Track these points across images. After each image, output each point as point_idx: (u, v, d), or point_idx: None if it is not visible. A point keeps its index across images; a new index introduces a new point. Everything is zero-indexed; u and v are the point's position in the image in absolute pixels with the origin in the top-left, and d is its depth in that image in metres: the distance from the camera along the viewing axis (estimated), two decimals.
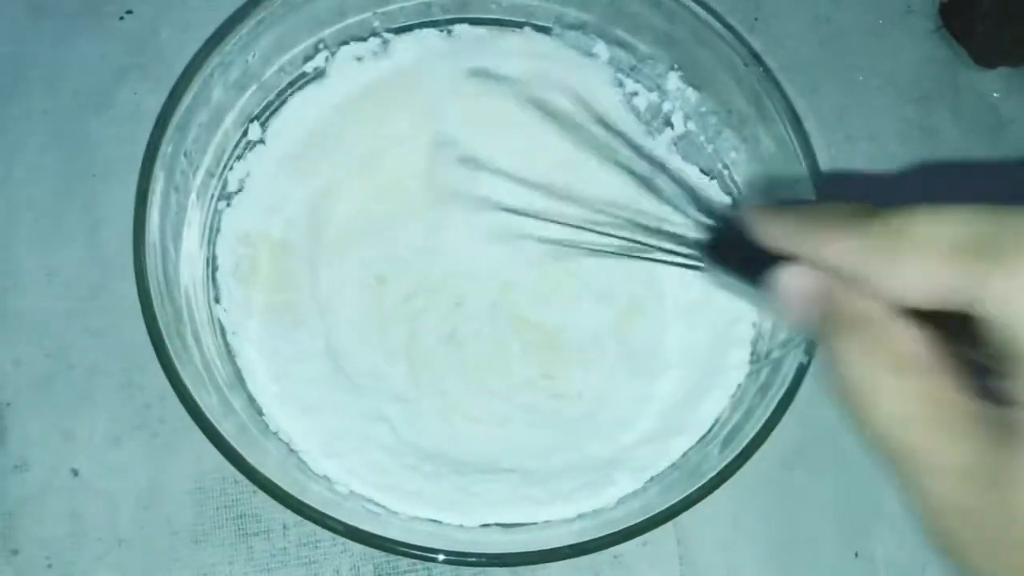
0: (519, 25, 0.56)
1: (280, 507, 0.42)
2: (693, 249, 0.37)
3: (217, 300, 0.51)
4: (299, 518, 0.42)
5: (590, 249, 0.46)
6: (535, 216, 0.49)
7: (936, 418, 0.24)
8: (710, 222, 0.37)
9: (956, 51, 0.65)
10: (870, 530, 0.54)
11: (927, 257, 0.24)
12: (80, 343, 0.54)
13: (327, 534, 0.50)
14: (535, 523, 0.48)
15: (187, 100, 0.47)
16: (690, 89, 0.56)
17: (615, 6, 0.54)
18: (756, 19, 0.64)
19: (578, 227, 0.47)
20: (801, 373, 0.45)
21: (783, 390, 0.44)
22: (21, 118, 0.57)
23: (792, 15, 0.65)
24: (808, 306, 0.29)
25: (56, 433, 0.52)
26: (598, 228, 0.46)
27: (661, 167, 0.56)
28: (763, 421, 0.44)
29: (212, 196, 0.52)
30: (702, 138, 0.56)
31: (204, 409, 0.42)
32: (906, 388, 0.25)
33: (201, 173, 0.50)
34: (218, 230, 0.52)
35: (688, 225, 0.42)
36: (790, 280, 0.29)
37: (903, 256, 0.25)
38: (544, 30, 0.56)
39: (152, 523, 0.51)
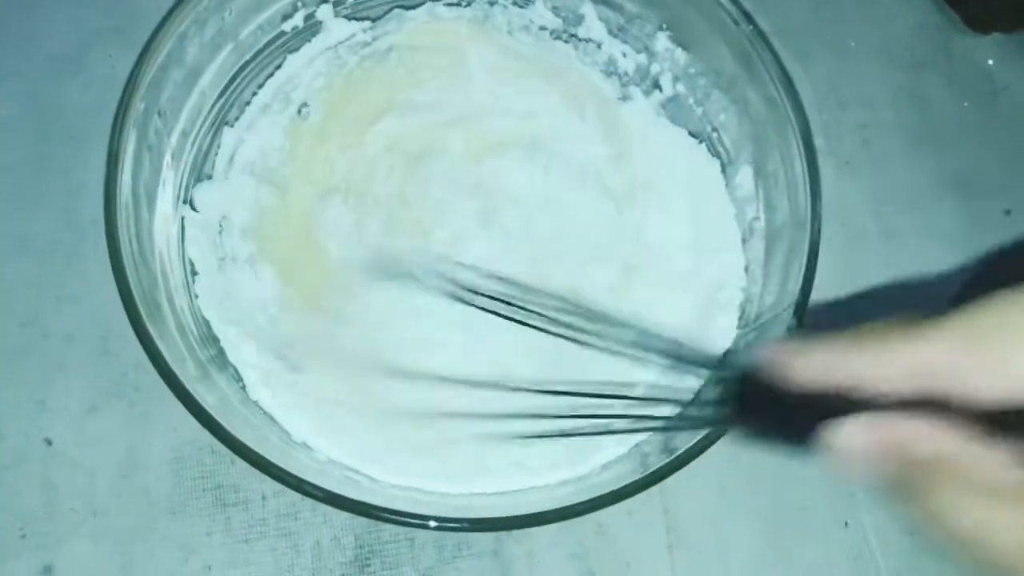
0: None
1: (259, 477, 0.41)
2: (709, 411, 0.32)
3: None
4: (278, 488, 0.41)
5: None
6: None
7: None
8: (723, 374, 0.31)
9: (950, 17, 0.64)
10: (859, 499, 0.53)
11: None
12: (55, 311, 0.52)
13: (307, 504, 0.49)
14: (520, 489, 0.47)
15: (160, 58, 0.46)
16: (679, 50, 0.54)
17: None
18: None
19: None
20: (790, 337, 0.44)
21: None
22: None
23: None
24: (882, 461, 0.26)
25: (30, 402, 0.51)
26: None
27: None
28: None
29: (187, 159, 0.50)
30: (691, 100, 0.55)
31: (180, 377, 0.41)
32: (1017, 519, 0.23)
33: (176, 133, 0.49)
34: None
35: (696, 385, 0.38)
36: (854, 435, 0.26)
37: (1007, 345, 0.23)
38: None
39: (129, 493, 0.50)
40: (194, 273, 0.50)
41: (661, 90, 0.56)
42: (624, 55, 0.56)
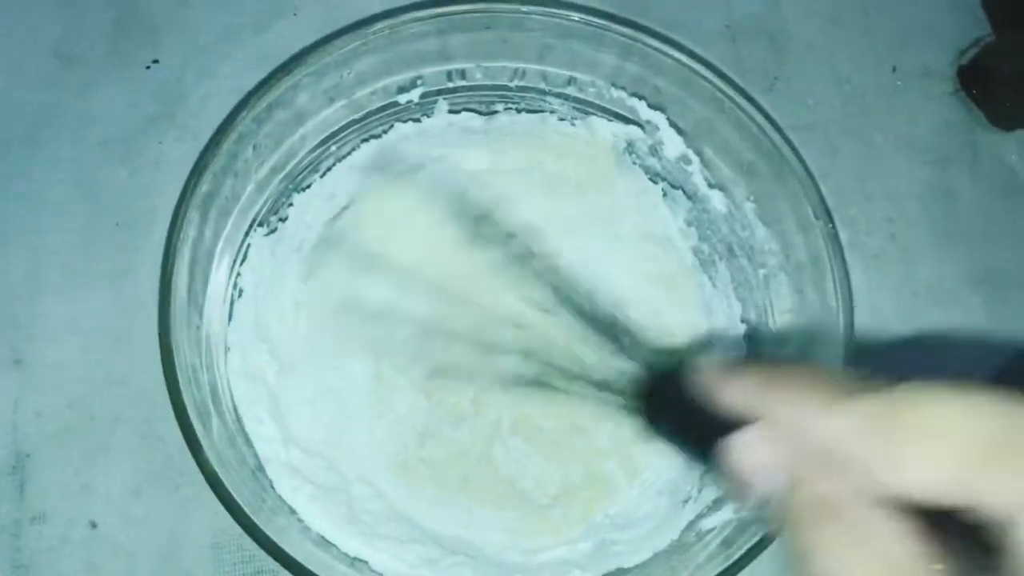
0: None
1: None
2: (631, 398, 0.33)
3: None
4: None
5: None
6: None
7: None
8: (654, 371, 0.33)
9: (974, 113, 0.66)
10: None
11: (941, 451, 0.21)
12: (102, 393, 0.54)
13: None
14: None
15: (223, 152, 0.47)
16: (760, 224, 0.54)
17: (709, 124, 0.53)
18: (776, 78, 0.65)
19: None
20: None
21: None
22: (47, 166, 0.58)
23: (812, 76, 0.66)
24: (771, 482, 0.24)
25: (75, 485, 0.52)
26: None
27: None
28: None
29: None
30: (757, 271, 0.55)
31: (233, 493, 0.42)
32: None
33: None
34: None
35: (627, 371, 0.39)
36: (749, 447, 0.25)
37: (912, 447, 0.22)
38: None
39: None
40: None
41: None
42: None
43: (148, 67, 0.61)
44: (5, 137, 0.58)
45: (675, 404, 0.29)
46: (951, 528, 0.22)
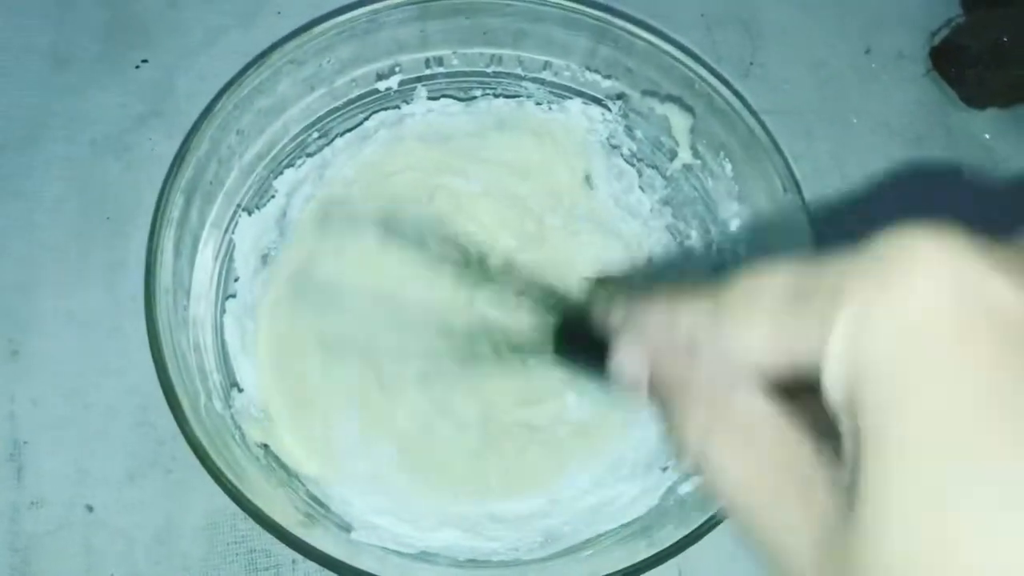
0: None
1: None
2: (539, 339, 0.38)
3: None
4: None
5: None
6: None
7: (781, 486, 0.23)
8: (559, 309, 0.38)
9: (947, 94, 0.67)
10: None
11: (757, 316, 0.24)
12: (96, 383, 0.55)
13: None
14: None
15: (206, 137, 0.48)
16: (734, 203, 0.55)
17: (681, 103, 0.55)
18: (751, 64, 0.67)
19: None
20: None
21: None
22: (42, 165, 0.59)
23: (788, 60, 0.67)
24: (642, 379, 0.28)
25: (72, 470, 0.53)
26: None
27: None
28: None
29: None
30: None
31: (220, 466, 0.43)
32: (747, 455, 0.24)
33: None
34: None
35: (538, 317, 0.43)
36: (623, 353, 0.29)
37: (736, 318, 0.24)
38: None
39: (166, 559, 0.52)
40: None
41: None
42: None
43: (138, 67, 0.63)
44: (1, 137, 0.60)
45: (584, 339, 0.33)
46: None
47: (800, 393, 0.24)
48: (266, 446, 0.50)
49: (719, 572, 0.54)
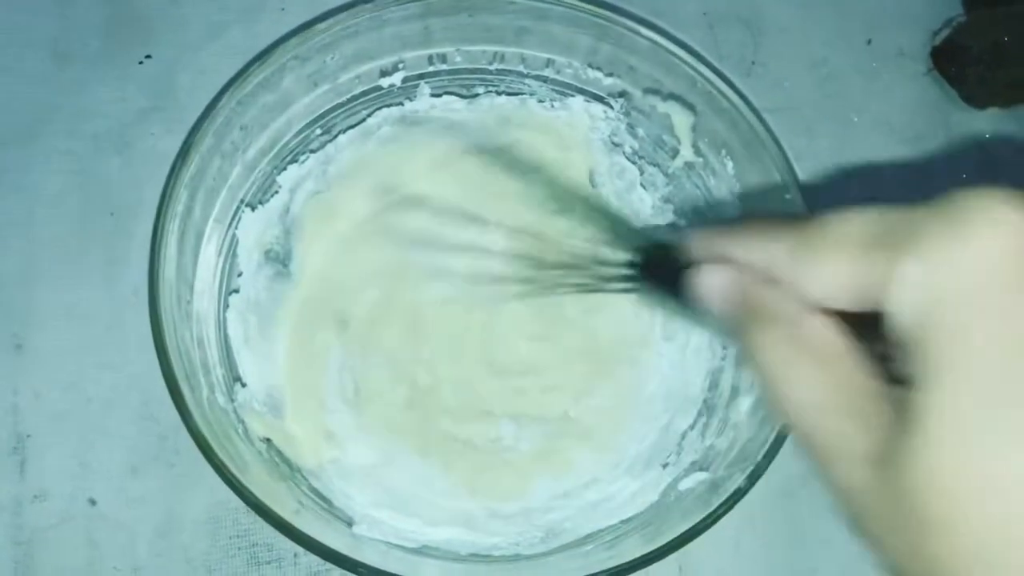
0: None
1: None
2: (625, 271, 0.39)
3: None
4: None
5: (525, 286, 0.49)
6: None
7: (844, 404, 0.26)
8: (645, 245, 0.39)
9: (947, 93, 0.67)
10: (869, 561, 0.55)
11: (837, 255, 0.26)
12: (97, 376, 0.55)
13: None
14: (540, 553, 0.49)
15: (210, 133, 0.48)
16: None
17: (683, 102, 0.55)
18: (753, 62, 0.67)
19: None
20: None
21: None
22: (44, 159, 0.59)
23: (789, 58, 0.67)
24: (725, 302, 0.30)
25: (74, 464, 0.53)
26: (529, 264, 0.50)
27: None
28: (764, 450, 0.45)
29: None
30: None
31: (223, 459, 0.43)
32: (816, 376, 0.26)
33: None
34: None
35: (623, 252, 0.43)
36: (707, 278, 0.31)
37: (817, 256, 0.26)
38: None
39: (168, 552, 0.52)
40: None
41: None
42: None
43: (140, 63, 0.62)
44: (2, 133, 0.60)
45: (666, 270, 0.35)
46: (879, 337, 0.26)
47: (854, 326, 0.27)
48: (268, 440, 0.51)
49: (719, 568, 0.55)
